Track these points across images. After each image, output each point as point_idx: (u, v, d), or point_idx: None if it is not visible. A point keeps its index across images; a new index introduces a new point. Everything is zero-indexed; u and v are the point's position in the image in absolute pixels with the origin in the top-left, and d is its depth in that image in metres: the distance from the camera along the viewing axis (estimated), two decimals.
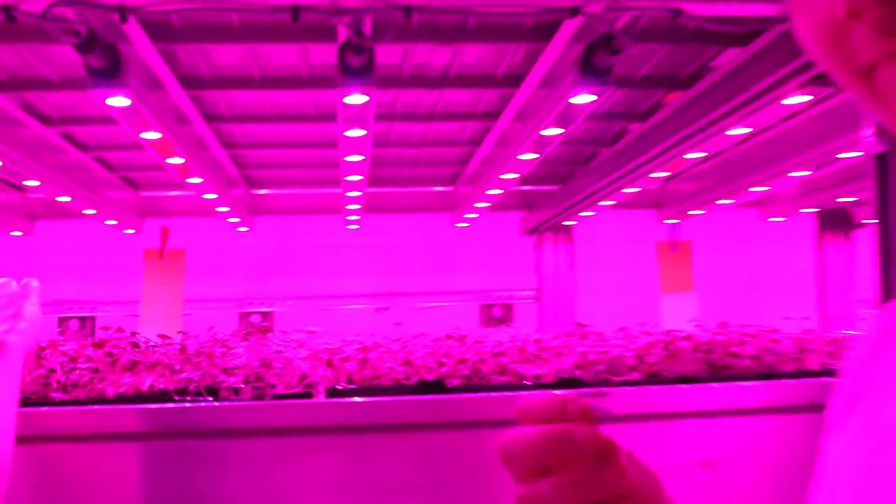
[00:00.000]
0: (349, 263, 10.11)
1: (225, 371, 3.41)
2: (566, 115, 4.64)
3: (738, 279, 10.74)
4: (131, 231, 8.46)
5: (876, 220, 3.53)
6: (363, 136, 4.82)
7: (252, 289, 10.26)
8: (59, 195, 6.80)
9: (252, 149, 6.82)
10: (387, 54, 4.68)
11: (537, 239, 9.91)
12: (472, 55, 4.87)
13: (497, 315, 10.94)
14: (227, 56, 4.86)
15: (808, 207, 9.86)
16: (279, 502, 2.84)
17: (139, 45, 4.09)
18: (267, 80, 5.16)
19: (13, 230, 8.28)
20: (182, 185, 7.90)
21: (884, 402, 0.62)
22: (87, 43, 3.37)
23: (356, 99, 4.01)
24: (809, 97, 4.48)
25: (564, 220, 9.23)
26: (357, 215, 8.07)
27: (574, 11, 3.45)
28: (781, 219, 10.40)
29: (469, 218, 8.77)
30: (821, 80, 3.98)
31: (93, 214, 7.60)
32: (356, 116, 4.43)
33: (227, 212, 7.58)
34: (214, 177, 6.48)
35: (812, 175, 7.69)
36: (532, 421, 0.69)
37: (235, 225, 8.47)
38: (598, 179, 7.06)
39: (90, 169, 7.05)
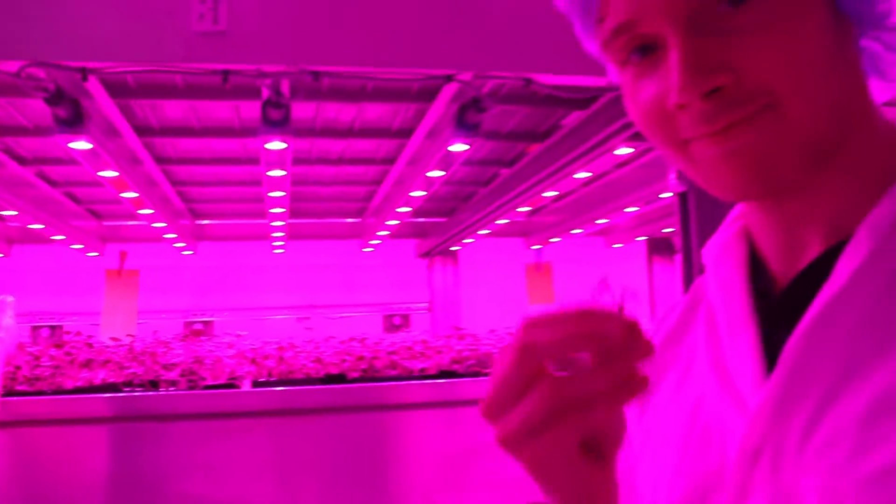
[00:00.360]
0: (276, 281, 10.04)
1: (164, 367, 3.37)
2: (446, 161, 4.69)
3: (589, 292, 10.94)
4: (94, 254, 8.24)
5: (681, 244, 3.67)
6: (283, 176, 4.80)
7: (196, 302, 10.07)
8: (32, 223, 6.58)
9: (195, 186, 6.71)
10: (303, 110, 4.68)
11: (429, 261, 9.97)
12: (373, 112, 4.89)
13: (397, 323, 10.96)
14: (173, 110, 4.80)
15: (641, 236, 10.16)
16: (211, 475, 2.81)
17: (100, 99, 4.02)
18: (206, 130, 5.10)
19: None
20: (137, 216, 7.74)
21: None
22: (55, 97, 3.29)
23: (276, 146, 4.00)
24: (632, 149, 4.66)
25: (451, 246, 9.32)
26: (282, 241, 8.00)
27: (448, 78, 3.51)
28: (621, 245, 10.70)
29: (374, 244, 8.78)
30: (642, 136, 4.13)
31: (62, 240, 7.37)
32: (277, 160, 4.41)
33: (175, 238, 7.43)
34: (164, 209, 6.36)
35: (642, 210, 7.95)
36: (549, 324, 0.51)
37: (182, 249, 8.31)
38: (476, 213, 7.15)
39: (59, 202, 6.84)
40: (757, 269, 0.62)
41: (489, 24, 3.33)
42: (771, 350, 0.55)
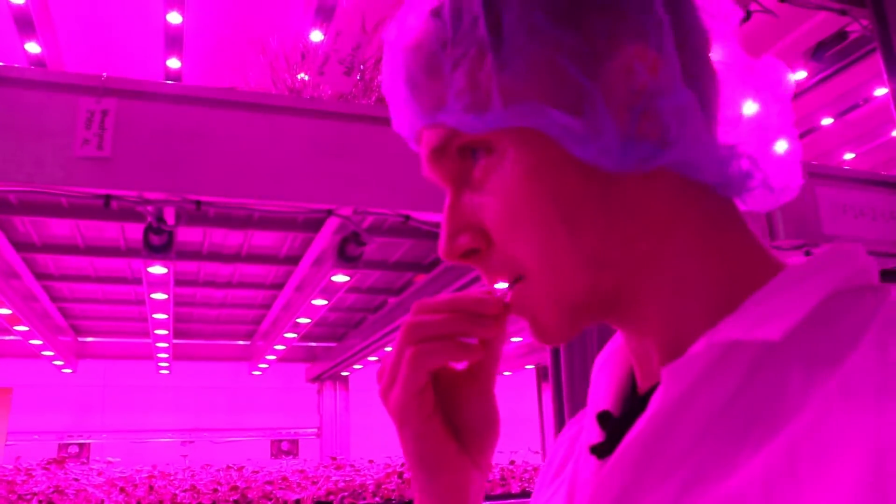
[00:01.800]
0: (160, 402, 9.75)
1: (20, 497, 3.24)
2: (330, 290, 4.76)
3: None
4: None
5: (553, 373, 3.81)
6: (165, 299, 4.77)
7: (73, 423, 9.64)
8: None
9: (78, 303, 6.56)
10: (190, 234, 4.71)
11: (319, 385, 9.88)
12: (260, 239, 4.96)
13: (285, 448, 10.70)
14: (57, 227, 4.76)
15: (529, 364, 10.35)
16: None
17: None
18: (90, 249, 5.05)
19: None
20: (11, 331, 7.47)
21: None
22: None
23: (157, 270, 4.01)
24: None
25: (341, 371, 9.27)
26: (167, 362, 7.83)
27: (329, 213, 3.63)
28: (510, 373, 10.86)
29: (262, 367, 8.67)
30: None
31: None
32: (159, 282, 4.41)
33: (53, 355, 7.17)
34: (42, 325, 6.18)
35: (528, 339, 8.15)
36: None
37: (61, 367, 8.01)
38: (366, 339, 7.19)
39: None
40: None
41: (369, 162, 3.50)
42: None
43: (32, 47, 6.55)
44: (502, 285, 0.59)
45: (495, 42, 0.53)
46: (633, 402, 0.62)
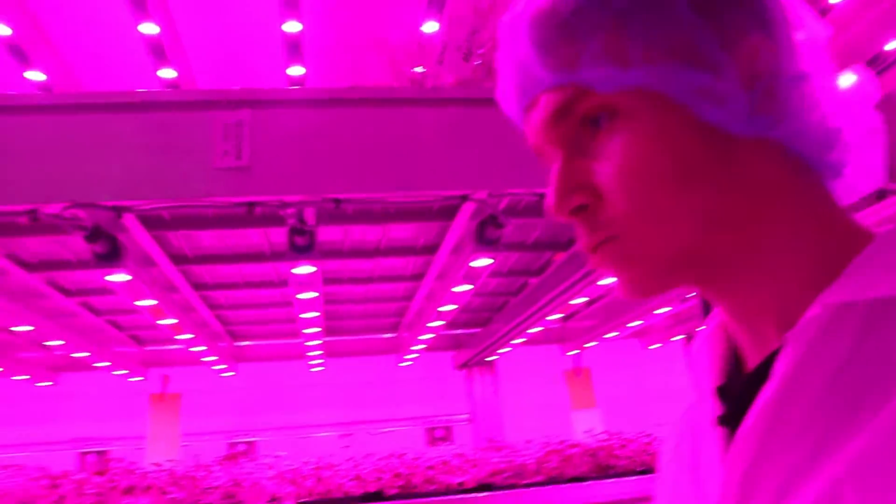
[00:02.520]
0: (316, 399, 10.10)
1: (204, 491, 3.43)
2: (472, 275, 4.80)
3: (629, 395, 10.87)
4: (138, 378, 8.39)
5: None
6: (315, 297, 4.93)
7: (238, 423, 10.14)
8: (77, 352, 6.78)
9: (232, 310, 6.88)
10: (330, 233, 4.85)
11: (467, 372, 9.99)
12: (398, 232, 5.05)
13: (439, 435, 10.91)
14: (206, 238, 5.00)
15: (677, 335, 10.11)
16: None
17: (135, 232, 4.22)
18: (237, 256, 5.29)
19: (41, 381, 8.18)
20: (177, 341, 7.92)
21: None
22: (93, 235, 3.50)
23: (303, 269, 4.15)
24: None
25: (487, 356, 9.35)
26: (320, 359, 8.11)
27: (465, 198, 3.66)
28: (658, 345, 10.64)
29: (410, 358, 8.85)
30: None
31: (106, 366, 7.55)
32: (306, 282, 4.56)
33: (215, 360, 7.57)
34: (203, 333, 6.52)
35: (675, 310, 7.97)
36: None
37: (222, 371, 8.44)
38: (509, 322, 7.22)
39: (103, 330, 7.05)
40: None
41: (499, 144, 3.50)
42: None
43: (166, 73, 6.93)
44: None
45: (635, 11, 0.58)
46: (741, 375, 0.61)
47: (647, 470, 5.21)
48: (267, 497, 3.56)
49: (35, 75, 6.68)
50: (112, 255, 3.69)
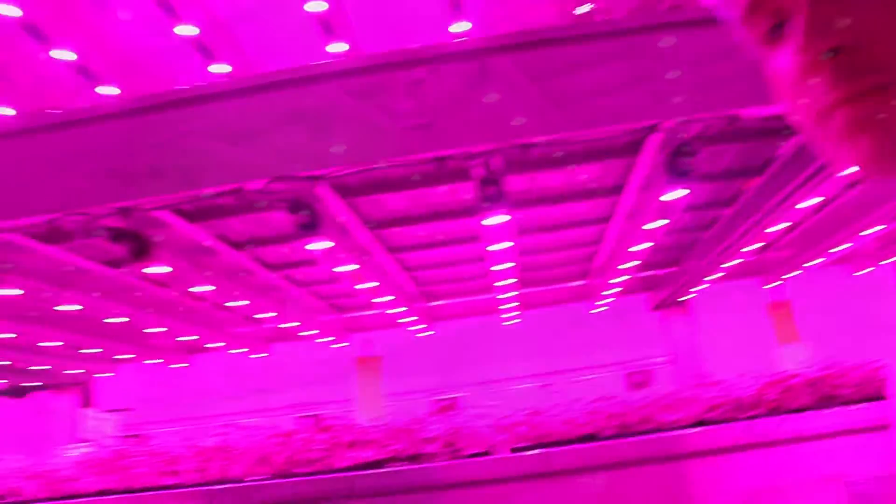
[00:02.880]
0: (512, 352, 10.18)
1: (425, 440, 3.52)
2: (664, 210, 4.65)
3: (835, 326, 10.26)
4: (343, 345, 8.78)
5: None
6: (507, 248, 4.94)
7: (438, 380, 10.42)
8: (285, 322, 7.15)
9: (425, 270, 7.02)
10: (517, 183, 4.82)
11: (663, 314, 9.76)
12: (583, 174, 4.96)
13: (639, 380, 10.74)
14: (395, 202, 5.10)
15: (888, 258, 9.37)
16: None
17: (330, 203, 4.37)
18: (427, 216, 5.38)
19: (256, 353, 8.71)
20: (375, 306, 8.21)
21: None
22: (294, 206, 3.64)
23: (494, 220, 4.16)
24: None
25: (683, 296, 9.09)
26: (516, 311, 8.15)
27: (652, 129, 3.52)
28: (867, 270, 9.92)
29: (604, 303, 8.73)
30: None
31: (312, 334, 7.93)
32: (498, 234, 4.57)
33: (412, 321, 7.78)
34: (399, 295, 6.70)
35: (888, 228, 7.36)
36: None
37: (419, 331, 8.67)
38: (703, 258, 6.97)
39: (306, 301, 7.40)
40: None
41: (685, 69, 3.34)
42: None
43: (336, 47, 7.08)
44: None
45: None
46: None
47: (875, 397, 4.89)
48: (484, 444, 3.61)
49: (220, 68, 7.03)
50: (312, 224, 3.85)
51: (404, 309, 7.06)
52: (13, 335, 6.27)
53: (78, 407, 9.57)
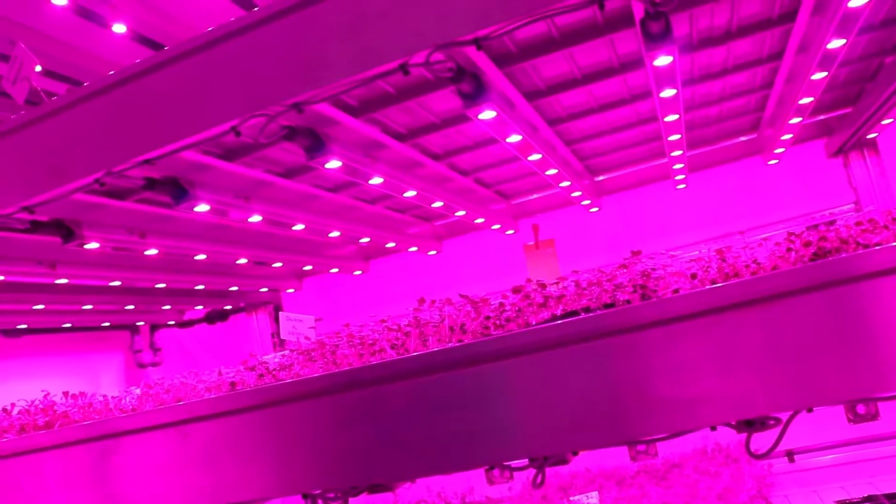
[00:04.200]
0: (683, 220, 9.93)
1: (617, 287, 3.54)
2: (844, 26, 4.34)
3: None
4: (511, 232, 8.87)
5: None
6: (675, 95, 4.79)
7: (610, 258, 10.37)
8: (453, 214, 7.28)
9: (587, 141, 6.94)
10: (678, 26, 4.65)
11: (844, 159, 9.21)
12: (748, 7, 4.71)
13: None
14: (552, 67, 5.04)
15: None
16: (684, 376, 2.88)
17: (489, 71, 4.36)
18: (587, 77, 5.28)
19: (429, 251, 8.96)
20: (540, 188, 8.22)
21: None
22: (458, 75, 3.67)
23: (663, 60, 4.03)
24: None
25: (866, 135, 8.52)
26: (682, 174, 7.93)
27: None
28: None
29: (777, 154, 8.34)
30: None
31: (480, 223, 8.05)
32: (666, 76, 4.43)
33: (580, 197, 7.73)
34: (565, 171, 6.67)
35: None
36: None
37: (587, 208, 8.61)
38: (887, 87, 6.48)
39: (472, 190, 7.50)
40: None
41: None
42: None
43: None
44: None
45: None
46: None
47: None
48: (674, 286, 3.58)
49: None
50: (478, 93, 3.87)
51: (568, 184, 7.01)
52: (203, 256, 6.70)
53: (270, 325, 10.23)
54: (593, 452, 3.76)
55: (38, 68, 5.35)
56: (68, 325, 8.35)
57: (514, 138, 4.85)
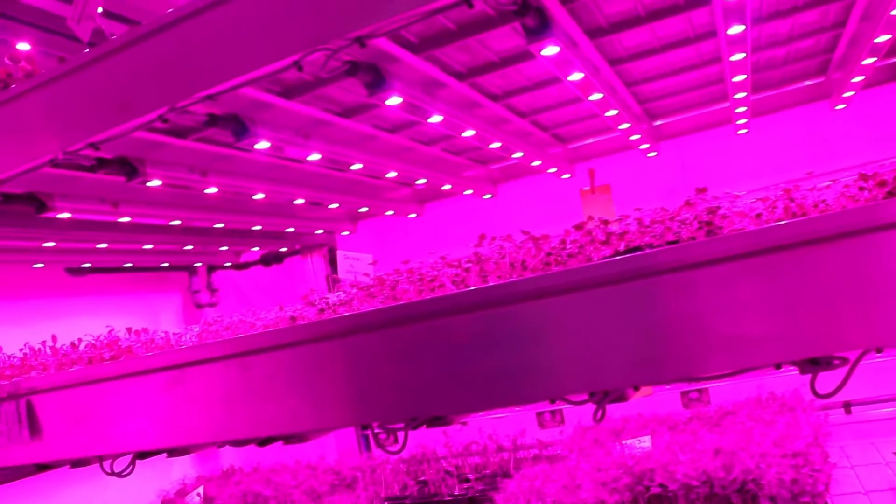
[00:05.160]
0: (743, 167, 9.74)
1: (680, 224, 3.50)
2: None
3: None
4: (567, 176, 8.81)
5: None
6: (742, 32, 4.67)
7: (669, 202, 10.22)
8: (512, 154, 7.25)
9: (647, 83, 6.82)
10: None
11: None
12: None
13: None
14: (614, 4, 4.94)
15: None
16: (750, 313, 2.84)
17: (553, 9, 4.29)
18: (651, 15, 5.17)
19: (484, 194, 8.95)
20: (599, 132, 8.12)
21: None
22: (522, 8, 3.62)
23: None
24: None
25: None
26: (744, 118, 7.76)
27: None
28: None
29: (845, 98, 8.09)
30: None
31: (537, 167, 8.00)
32: (735, 11, 4.32)
33: (638, 140, 7.62)
34: (624, 113, 6.57)
35: None
36: None
37: (645, 152, 8.50)
38: None
39: (529, 133, 7.44)
40: None
41: None
42: None
43: None
44: None
45: None
46: None
47: None
48: (739, 224, 3.54)
49: None
50: (542, 27, 3.82)
51: (628, 126, 6.92)
52: (262, 195, 6.77)
53: (325, 267, 10.34)
54: (645, 400, 3.76)
55: (100, 9, 5.43)
56: (129, 264, 8.55)
57: (576, 76, 4.78)
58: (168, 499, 6.81)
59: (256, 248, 9.98)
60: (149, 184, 5.59)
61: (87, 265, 8.14)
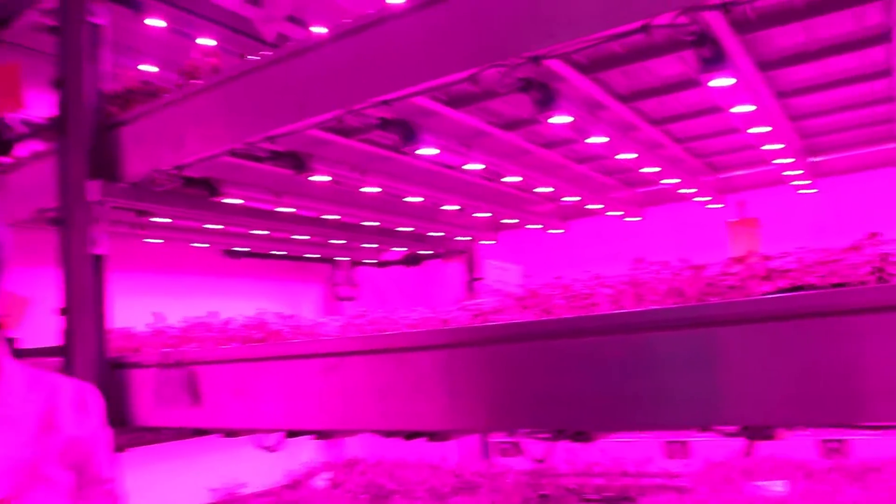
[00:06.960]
0: None
1: (850, 267, 3.43)
2: None
3: None
4: (718, 206, 8.67)
5: None
6: None
7: (821, 245, 9.85)
8: (666, 179, 7.20)
9: (812, 118, 6.64)
10: None
11: None
12: None
13: None
14: (786, 37, 4.86)
15: None
16: None
17: (726, 40, 4.27)
18: (823, 51, 5.05)
19: (629, 216, 8.92)
20: (752, 164, 7.96)
21: None
22: (699, 39, 3.64)
23: None
24: None
25: None
26: None
27: None
28: None
29: None
30: None
31: (689, 195, 7.93)
32: None
33: (793, 176, 7.42)
34: (784, 146, 6.43)
35: None
36: None
37: (796, 189, 8.25)
38: None
39: (682, 159, 7.38)
40: None
41: None
42: None
43: None
44: None
45: None
46: None
47: None
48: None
49: None
50: (717, 59, 3.82)
51: (791, 160, 6.76)
52: (420, 199, 6.98)
53: (464, 274, 10.51)
54: (775, 442, 3.70)
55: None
56: (283, 252, 8.96)
57: (744, 108, 4.74)
58: (296, 479, 7.12)
59: (403, 248, 10.22)
60: (312, 178, 5.87)
61: (246, 249, 8.60)
